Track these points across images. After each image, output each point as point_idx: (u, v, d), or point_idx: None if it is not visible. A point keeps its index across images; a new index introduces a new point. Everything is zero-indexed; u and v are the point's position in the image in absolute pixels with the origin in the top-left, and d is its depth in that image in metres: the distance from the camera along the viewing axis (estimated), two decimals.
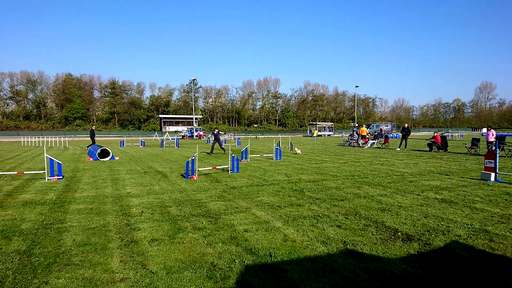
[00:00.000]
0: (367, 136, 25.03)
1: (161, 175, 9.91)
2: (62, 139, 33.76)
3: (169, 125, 75.81)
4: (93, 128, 22.82)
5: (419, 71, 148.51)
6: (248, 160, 14.13)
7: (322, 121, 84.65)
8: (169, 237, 4.28)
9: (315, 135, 60.99)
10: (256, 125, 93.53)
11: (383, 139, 24.19)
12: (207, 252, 3.79)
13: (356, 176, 9.57)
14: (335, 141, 35.69)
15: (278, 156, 14.67)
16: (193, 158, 9.55)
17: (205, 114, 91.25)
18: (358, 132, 25.79)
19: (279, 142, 20.25)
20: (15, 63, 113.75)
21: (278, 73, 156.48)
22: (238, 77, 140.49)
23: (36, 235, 4.37)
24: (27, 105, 76.64)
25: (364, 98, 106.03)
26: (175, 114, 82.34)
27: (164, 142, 28.27)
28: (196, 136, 54.47)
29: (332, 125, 71.79)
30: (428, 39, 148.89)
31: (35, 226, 4.77)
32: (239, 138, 37.82)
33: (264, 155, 16.44)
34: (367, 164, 12.76)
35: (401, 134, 21.89)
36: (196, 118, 72.12)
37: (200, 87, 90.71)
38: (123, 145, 27.05)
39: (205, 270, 3.31)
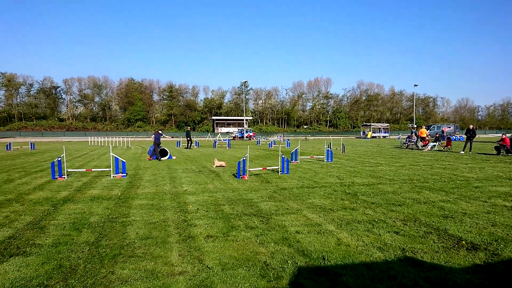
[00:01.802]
0: (427, 138, 23.43)
1: (214, 174, 10.26)
2: (125, 139, 36.57)
3: (221, 127, 78.16)
4: (188, 129, 24.45)
5: (484, 68, 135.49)
6: (298, 161, 14.03)
7: (377, 122, 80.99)
8: (223, 234, 4.43)
9: (369, 136, 58.60)
10: (305, 126, 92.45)
11: (445, 141, 22.42)
12: (260, 251, 3.86)
13: (415, 181, 9.03)
14: (391, 143, 33.94)
15: (329, 158, 14.36)
16: (244, 158, 9.75)
17: (255, 116, 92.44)
18: (417, 134, 24.22)
19: (330, 143, 19.80)
20: (83, 69, 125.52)
21: (330, 73, 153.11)
22: (288, 78, 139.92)
23: (103, 228, 4.78)
24: (94, 108, 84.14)
25: (423, 97, 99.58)
26: (227, 116, 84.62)
27: (217, 143, 29.18)
28: (246, 137, 55.42)
29: (387, 126, 68.32)
30: (493, 34, 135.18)
31: (102, 220, 5.23)
32: (288, 140, 37.70)
33: (314, 156, 16.21)
34: (427, 168, 11.96)
35: (465, 136, 20.17)
36: (246, 120, 73.41)
37: (251, 89, 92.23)
38: (179, 145, 28.47)
39: (258, 268, 3.37)
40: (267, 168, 10.91)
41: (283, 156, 10.57)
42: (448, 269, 3.38)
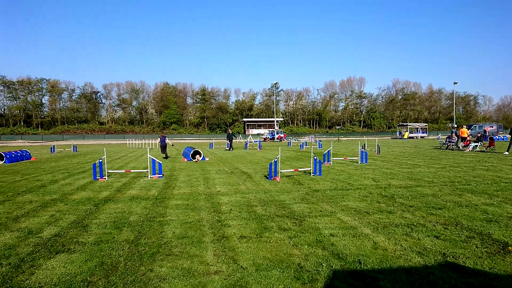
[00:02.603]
0: (468, 138, 22.10)
1: (246, 176, 10.34)
2: None
3: (252, 128, 78.65)
4: (229, 131, 24.87)
5: None
6: (331, 163, 13.79)
7: (414, 122, 77.72)
8: (256, 235, 4.45)
9: (405, 137, 56.38)
10: (338, 127, 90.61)
11: (488, 141, 21.05)
12: (293, 253, 3.83)
13: (456, 183, 8.56)
14: (430, 144, 32.42)
15: (364, 160, 13.98)
16: (275, 160, 9.74)
17: (286, 117, 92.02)
18: (458, 134, 22.92)
19: (364, 144, 19.27)
20: (121, 74, 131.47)
21: (363, 72, 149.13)
22: (320, 78, 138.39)
23: (142, 227, 4.97)
24: (131, 112, 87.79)
25: (464, 95, 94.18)
26: (258, 118, 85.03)
27: (248, 144, 29.39)
28: (277, 138, 55.30)
29: (426, 126, 65.32)
30: None
31: (141, 219, 5.44)
32: (320, 141, 37.15)
33: (347, 158, 15.85)
34: (469, 169, 11.29)
35: (509, 136, 18.80)
36: (277, 121, 73.32)
37: (282, 90, 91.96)
38: (212, 147, 29.00)
39: (292, 270, 3.35)
40: (299, 169, 10.82)
41: (315, 157, 10.44)
42: (493, 275, 3.18)
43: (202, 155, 16.36)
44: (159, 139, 19.51)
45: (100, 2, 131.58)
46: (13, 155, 16.65)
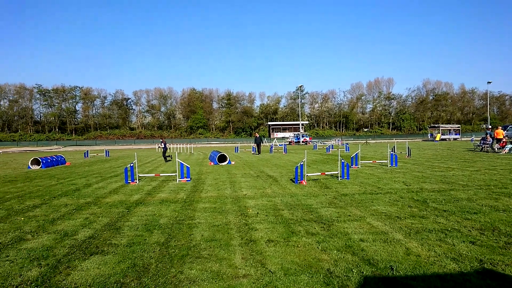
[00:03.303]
0: (504, 140, 20.91)
1: (272, 179, 10.32)
2: (187, 145, 38.59)
3: (277, 132, 78.53)
4: (256, 135, 24.84)
5: None
6: (359, 166, 13.49)
7: (446, 123, 74.58)
8: (284, 239, 4.43)
9: (437, 139, 54.13)
10: (366, 129, 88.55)
11: None
12: (322, 258, 3.78)
13: (492, 186, 8.12)
14: (463, 146, 30.98)
15: (394, 163, 13.57)
16: (301, 163, 9.67)
17: (311, 120, 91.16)
18: (493, 135, 21.74)
19: (393, 147, 18.72)
20: (150, 81, 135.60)
21: (391, 73, 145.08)
22: (346, 80, 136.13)
23: (171, 229, 5.09)
24: (160, 117, 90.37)
25: (498, 95, 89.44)
26: (282, 121, 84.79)
27: (273, 148, 29.36)
28: (303, 141, 54.84)
29: (458, 127, 62.49)
30: None
31: (171, 222, 5.57)
32: (347, 144, 36.46)
33: (376, 161, 15.44)
34: (506, 172, 10.67)
35: None
36: (302, 124, 72.77)
37: (307, 93, 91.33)
38: (237, 151, 29.22)
39: (321, 276, 3.31)
40: (326, 173, 10.67)
41: (342, 160, 10.27)
42: None
43: (228, 159, 16.52)
44: (161, 143, 20.33)
45: (126, 12, 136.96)
46: (49, 160, 17.55)
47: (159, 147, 19.50)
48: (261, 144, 23.68)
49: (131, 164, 10.52)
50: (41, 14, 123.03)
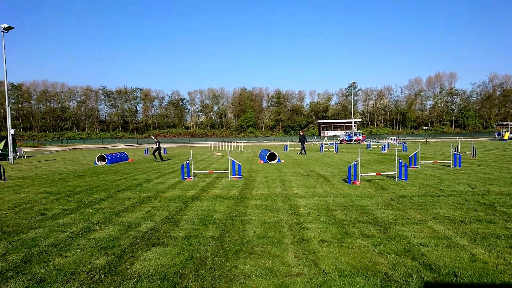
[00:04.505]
0: None
1: (323, 179, 10.13)
2: (238, 144, 39.42)
3: (328, 130, 76.86)
4: (301, 133, 24.75)
5: None
6: (418, 167, 12.68)
7: None
8: (337, 240, 4.33)
9: (505, 138, 48.85)
10: (425, 128, 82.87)
11: None
12: (379, 261, 3.63)
13: None
14: None
15: (457, 163, 12.53)
16: (355, 163, 9.35)
17: (365, 118, 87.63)
18: None
19: (457, 146, 17.28)
20: (203, 81, 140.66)
21: (454, 67, 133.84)
22: (403, 76, 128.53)
23: (225, 225, 5.24)
24: (213, 116, 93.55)
25: None
26: (333, 119, 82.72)
27: (323, 147, 28.78)
28: (355, 140, 52.91)
29: None
30: None
31: (224, 217, 5.74)
32: (404, 143, 34.45)
33: (438, 161, 14.38)
34: None
35: None
36: (355, 122, 70.31)
37: (360, 89, 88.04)
38: (286, 150, 29.16)
39: (378, 279, 3.18)
40: (381, 173, 10.20)
41: (400, 160, 9.73)
42: None
43: (277, 157, 16.56)
44: (157, 144, 19.10)
45: (184, 14, 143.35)
46: (113, 157, 19.08)
47: (152, 148, 18.85)
48: (305, 142, 22.80)
49: (187, 161, 11.03)
50: (105, 21, 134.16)
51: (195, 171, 12.00)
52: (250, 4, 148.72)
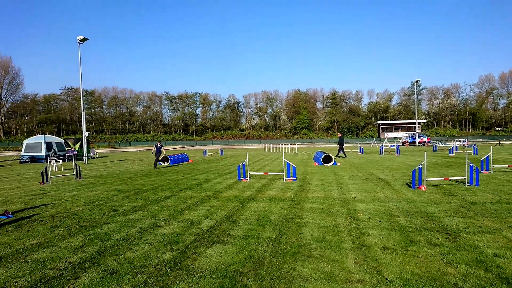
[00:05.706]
0: None
1: (384, 183, 9.67)
2: (292, 146, 39.24)
3: (388, 131, 73.02)
4: (339, 135, 24.02)
5: None
6: (491, 171, 11.49)
7: None
8: (401, 248, 4.13)
9: None
10: (498, 129, 74.64)
11: None
12: (448, 271, 3.39)
13: None
14: None
15: None
16: (420, 166, 8.79)
17: (430, 118, 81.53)
18: None
19: None
20: (258, 84, 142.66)
21: None
22: (473, 72, 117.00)
23: (282, 226, 5.28)
24: (267, 119, 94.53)
25: None
26: (394, 120, 78.32)
27: (383, 149, 27.40)
28: (419, 142, 49.42)
29: None
30: None
31: (280, 219, 5.78)
32: (475, 145, 31.36)
33: None
34: None
35: None
36: (418, 123, 65.80)
37: (424, 88, 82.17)
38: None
39: None
40: (450, 178, 9.43)
41: (471, 164, 8.92)
42: None
43: (333, 160, 16.18)
44: (156, 146, 17.61)
45: (235, 21, 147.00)
46: (176, 158, 20.24)
47: (153, 150, 16.83)
48: (343, 144, 21.12)
49: (243, 163, 11.31)
50: (165, 33, 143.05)
51: (250, 172, 12.25)
52: (311, 2, 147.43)
